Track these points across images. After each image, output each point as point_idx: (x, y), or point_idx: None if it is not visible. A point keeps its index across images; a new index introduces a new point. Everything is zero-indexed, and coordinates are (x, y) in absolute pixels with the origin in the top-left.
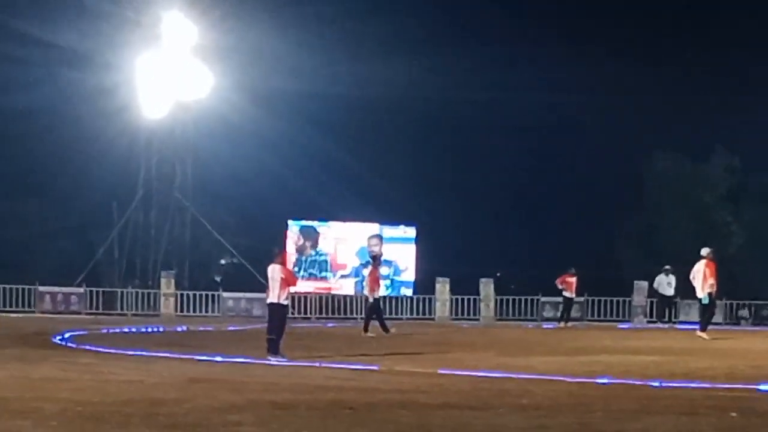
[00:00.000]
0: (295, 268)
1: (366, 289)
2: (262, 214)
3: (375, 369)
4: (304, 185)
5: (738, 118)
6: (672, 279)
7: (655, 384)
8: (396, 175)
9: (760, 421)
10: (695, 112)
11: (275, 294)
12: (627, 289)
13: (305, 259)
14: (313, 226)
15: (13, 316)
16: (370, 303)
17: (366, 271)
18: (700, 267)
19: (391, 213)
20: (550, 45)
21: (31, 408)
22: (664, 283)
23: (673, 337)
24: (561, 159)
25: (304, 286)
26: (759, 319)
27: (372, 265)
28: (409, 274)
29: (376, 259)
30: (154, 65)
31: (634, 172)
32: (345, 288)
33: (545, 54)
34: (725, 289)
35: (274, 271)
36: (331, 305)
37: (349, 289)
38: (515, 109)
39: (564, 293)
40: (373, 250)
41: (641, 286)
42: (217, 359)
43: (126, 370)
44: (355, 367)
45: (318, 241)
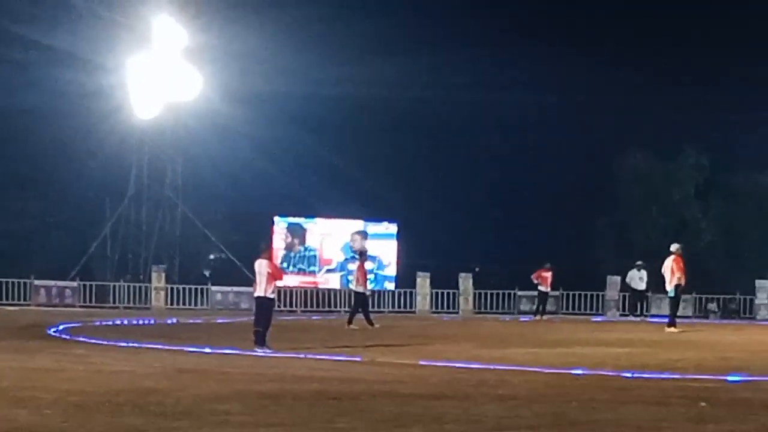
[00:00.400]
0: (284, 264)
1: (353, 283)
2: (249, 211)
3: (358, 360)
4: (289, 183)
5: (707, 118)
6: (644, 274)
7: (628, 375)
8: (378, 172)
9: (729, 411)
10: (666, 112)
11: (262, 288)
12: (600, 284)
13: (294, 255)
14: (299, 223)
15: (9, 308)
16: (358, 296)
17: (354, 266)
18: (668, 262)
19: (373, 210)
20: (527, 46)
21: (26, 397)
22: (636, 277)
23: (644, 329)
24: (537, 157)
25: (290, 280)
26: (727, 312)
27: (359, 260)
28: (391, 268)
29: (363, 254)
30: (145, 67)
31: (607, 170)
32: (331, 282)
33: (522, 55)
34: (694, 284)
35: (261, 265)
36: (315, 299)
37: (335, 284)
38: (493, 109)
39: (539, 287)
40: (354, 246)
41: (614, 281)
42: (206, 351)
43: (118, 361)
44: (338, 358)
45: (305, 237)
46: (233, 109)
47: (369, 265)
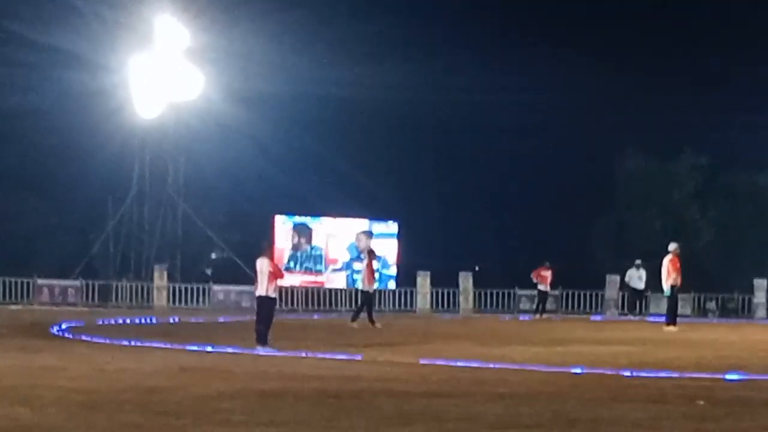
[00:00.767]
0: (291, 263)
1: (361, 282)
2: (250, 210)
3: (358, 359)
4: (290, 182)
5: (705, 119)
6: (642, 273)
7: (627, 373)
8: (380, 173)
9: (727, 409)
10: (665, 114)
11: (263, 287)
12: (600, 283)
13: (301, 254)
14: (305, 222)
15: (13, 307)
16: (365, 295)
17: (362, 265)
18: (665, 262)
19: (374, 209)
20: (527, 48)
21: (30, 396)
22: (635, 277)
23: (643, 328)
24: (537, 158)
25: (291, 279)
26: (725, 311)
27: (367, 258)
28: (392, 267)
29: (372, 253)
30: (148, 67)
31: (607, 171)
32: (336, 281)
33: (522, 57)
34: (693, 283)
35: (263, 264)
36: (316, 298)
37: (340, 283)
38: (493, 110)
39: (539, 286)
40: (360, 246)
41: (613, 280)
42: (208, 349)
43: (120, 360)
44: (339, 357)
45: (312, 236)
46: (235, 108)
47: (375, 264)
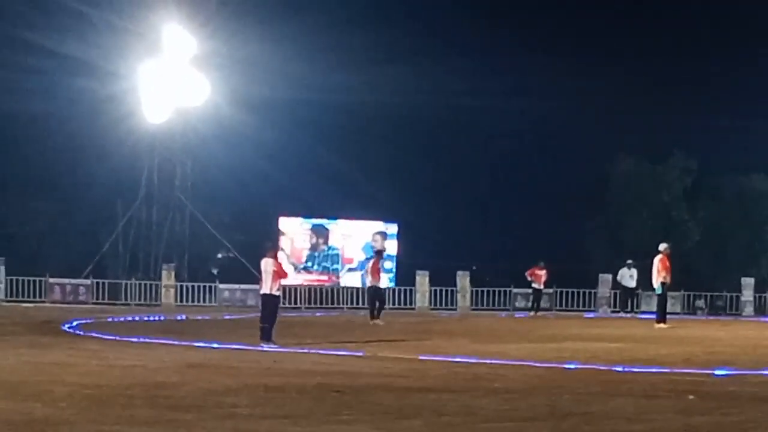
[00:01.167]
0: (309, 263)
1: (368, 279)
2: (255, 212)
3: (360, 355)
4: (293, 184)
5: (695, 123)
6: (634, 272)
7: (619, 369)
8: (381, 176)
9: (715, 403)
10: (655, 118)
11: (268, 285)
12: (592, 281)
13: (318, 254)
14: (322, 224)
15: (25, 305)
16: (373, 291)
17: (369, 263)
18: (656, 261)
19: (375, 211)
20: (522, 54)
21: (41, 391)
22: (626, 275)
23: (635, 325)
24: (532, 161)
25: (298, 279)
26: (714, 309)
27: (375, 257)
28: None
29: (380, 253)
30: (156, 74)
31: (600, 173)
32: (352, 280)
33: (517, 62)
34: (683, 282)
35: (267, 264)
36: (319, 296)
37: (356, 282)
38: (489, 114)
39: (533, 285)
40: (376, 246)
41: (606, 279)
42: (214, 346)
43: (129, 356)
44: (341, 353)
45: (329, 237)
46: (240, 114)
47: (387, 264)
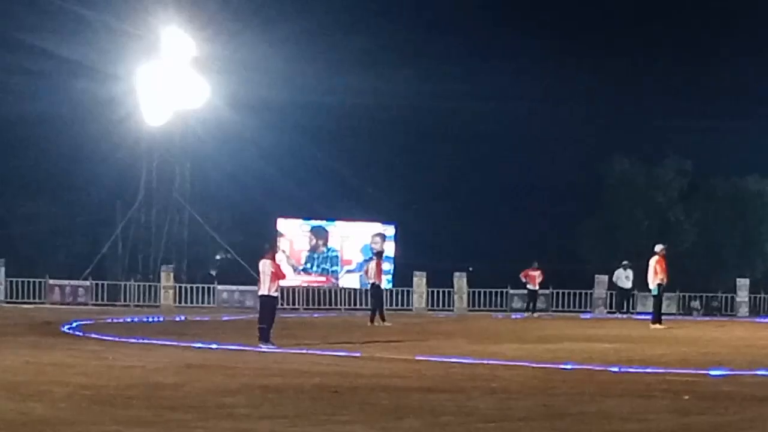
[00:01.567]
0: (308, 264)
1: (369, 279)
2: (253, 214)
3: (357, 355)
4: (291, 186)
5: (690, 126)
6: (630, 273)
7: (614, 369)
8: (379, 179)
9: (711, 403)
10: (651, 120)
11: (266, 287)
12: (589, 282)
13: (318, 256)
14: (322, 225)
15: (26, 306)
16: (376, 291)
17: (372, 264)
18: (652, 262)
19: (373, 213)
20: (519, 57)
21: (42, 391)
22: (622, 276)
23: (630, 326)
24: (528, 163)
25: (294, 281)
26: (709, 309)
27: (375, 258)
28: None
29: (380, 254)
30: (155, 76)
31: (596, 175)
32: (351, 282)
33: (514, 64)
34: (678, 282)
35: (265, 265)
36: (317, 297)
37: (354, 283)
38: (486, 117)
39: (527, 286)
40: (375, 248)
41: (602, 280)
42: (213, 346)
43: (129, 357)
44: (338, 353)
45: (328, 239)
46: (238, 116)
47: (386, 266)
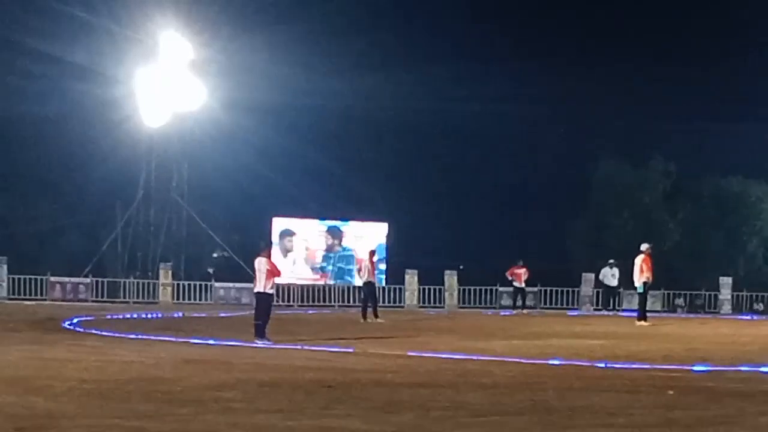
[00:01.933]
0: (324, 263)
1: (364, 276)
2: (249, 213)
3: (350, 351)
4: (287, 186)
5: (674, 128)
6: (616, 271)
7: (601, 365)
8: (371, 178)
9: (694, 398)
10: (636, 122)
11: (261, 284)
12: (576, 280)
13: (334, 255)
14: (337, 225)
15: (27, 303)
16: (369, 288)
17: (366, 262)
18: (638, 261)
19: (366, 211)
20: (508, 60)
21: (43, 386)
22: (608, 275)
23: (616, 323)
24: (517, 164)
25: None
26: (693, 307)
27: (369, 256)
28: (382, 266)
29: (373, 252)
30: (154, 79)
31: (583, 176)
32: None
33: (503, 68)
34: (663, 280)
35: (261, 263)
36: (311, 294)
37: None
38: (476, 119)
39: (514, 283)
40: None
41: (588, 278)
42: (210, 342)
43: (128, 352)
44: (332, 349)
45: (342, 238)
46: (235, 118)
47: (381, 265)
